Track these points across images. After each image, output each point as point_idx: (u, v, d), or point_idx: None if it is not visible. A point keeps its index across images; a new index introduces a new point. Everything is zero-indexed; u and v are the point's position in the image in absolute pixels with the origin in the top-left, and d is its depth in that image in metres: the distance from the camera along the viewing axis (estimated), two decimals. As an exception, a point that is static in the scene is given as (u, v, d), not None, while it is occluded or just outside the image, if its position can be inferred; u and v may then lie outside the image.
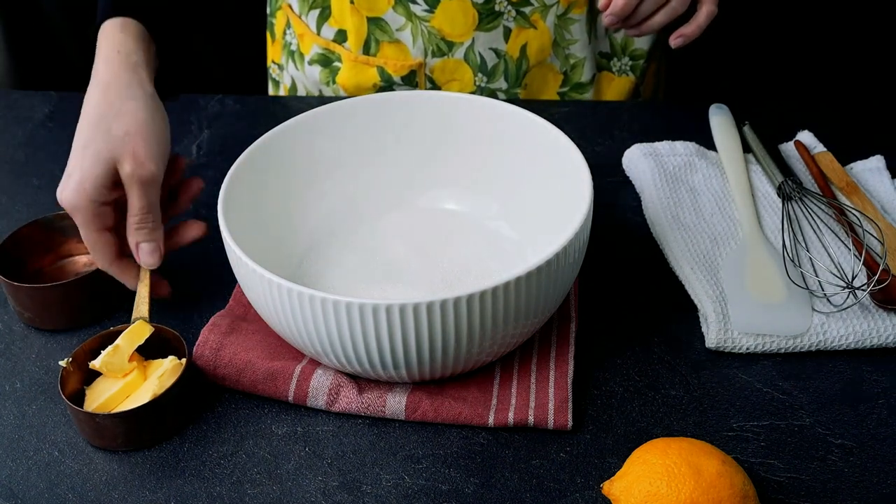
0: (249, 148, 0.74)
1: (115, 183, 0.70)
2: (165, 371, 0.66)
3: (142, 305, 0.70)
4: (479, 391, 0.67)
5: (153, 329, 0.68)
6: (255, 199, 0.73)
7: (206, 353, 0.68)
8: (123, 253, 0.72)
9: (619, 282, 0.77)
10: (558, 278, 0.64)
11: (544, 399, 0.66)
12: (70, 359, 0.66)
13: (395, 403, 0.66)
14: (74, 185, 0.69)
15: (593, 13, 0.99)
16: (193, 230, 0.75)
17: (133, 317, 0.69)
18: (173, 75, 0.83)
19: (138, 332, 0.67)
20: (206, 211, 0.87)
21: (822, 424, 0.65)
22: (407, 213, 0.82)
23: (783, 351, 0.70)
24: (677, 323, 0.73)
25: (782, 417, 0.66)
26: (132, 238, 0.71)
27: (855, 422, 0.65)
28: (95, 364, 0.66)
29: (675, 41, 0.84)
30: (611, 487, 0.58)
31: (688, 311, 0.74)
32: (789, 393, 0.68)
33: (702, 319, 0.73)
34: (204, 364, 0.68)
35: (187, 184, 0.77)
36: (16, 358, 0.73)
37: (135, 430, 0.64)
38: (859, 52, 1.62)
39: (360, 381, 0.67)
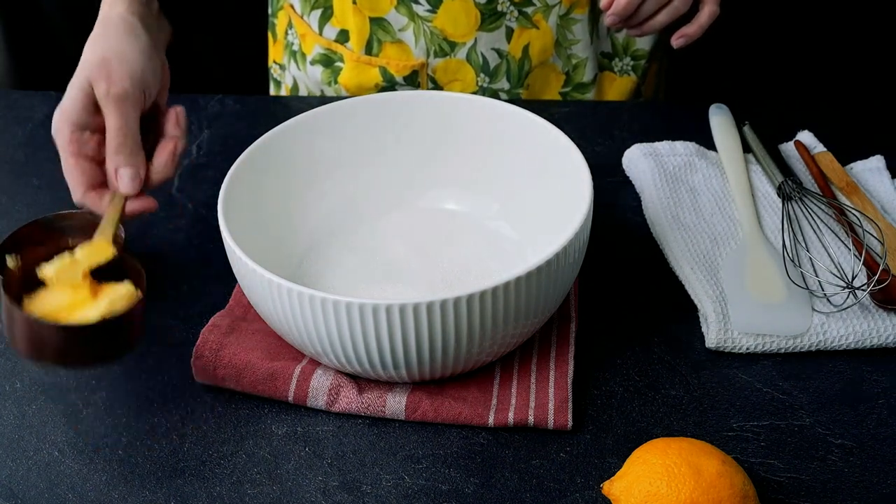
0: (249, 148, 0.74)
1: (94, 106, 0.69)
2: (118, 297, 0.61)
3: (108, 227, 0.65)
4: (479, 391, 0.67)
5: (115, 253, 0.63)
6: (255, 199, 0.73)
7: (206, 353, 0.68)
8: (101, 185, 0.70)
9: (619, 282, 0.77)
10: (558, 278, 0.64)
11: (544, 399, 0.66)
12: (17, 256, 0.61)
13: (395, 403, 0.66)
14: (56, 113, 0.69)
15: (595, 13, 0.99)
16: (145, 202, 0.71)
17: (94, 237, 0.64)
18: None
19: (99, 249, 0.62)
20: (206, 211, 0.87)
21: (822, 424, 0.65)
22: (407, 213, 0.82)
23: (783, 351, 0.70)
24: (677, 323, 0.73)
25: (782, 417, 0.66)
26: (111, 162, 0.68)
27: (855, 422, 0.65)
28: (46, 272, 0.60)
29: (676, 41, 0.84)
30: (611, 487, 0.58)
31: (688, 311, 0.74)
32: (789, 393, 0.68)
33: (702, 319, 0.73)
34: (204, 364, 0.68)
35: (168, 127, 0.73)
36: (16, 358, 0.73)
37: (73, 348, 0.59)
38: (859, 52, 1.62)
39: (360, 381, 0.67)
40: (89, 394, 0.69)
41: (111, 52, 0.71)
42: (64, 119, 0.69)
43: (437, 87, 1.01)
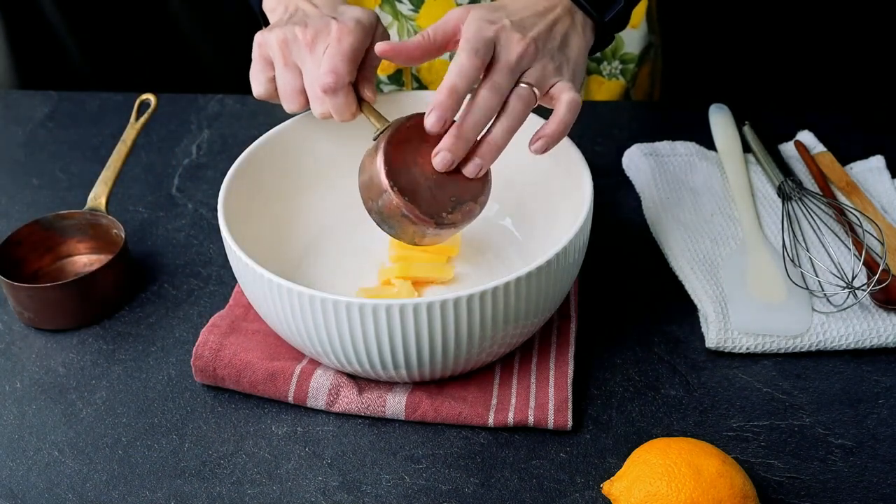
0: (249, 148, 0.74)
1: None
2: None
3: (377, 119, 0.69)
4: (479, 391, 0.67)
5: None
6: (255, 199, 0.73)
7: (206, 353, 0.68)
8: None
9: (619, 282, 0.77)
10: (558, 278, 0.64)
11: (544, 399, 0.66)
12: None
13: (395, 403, 0.66)
14: (344, 49, 0.67)
15: None
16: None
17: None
18: None
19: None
20: (206, 211, 0.87)
21: (822, 424, 0.65)
22: (407, 213, 0.82)
23: (783, 351, 0.70)
24: (677, 323, 0.73)
25: (782, 417, 0.66)
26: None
27: (855, 422, 0.65)
28: None
29: (535, 146, 0.64)
30: (611, 487, 0.58)
31: (688, 311, 0.74)
32: (789, 393, 0.68)
33: (702, 319, 0.73)
34: (204, 364, 0.68)
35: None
36: (16, 358, 0.73)
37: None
38: (859, 52, 1.62)
39: (360, 381, 0.67)
40: (89, 394, 0.69)
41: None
42: (352, 56, 0.68)
43: (421, 86, 1.01)
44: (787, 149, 0.90)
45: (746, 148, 0.89)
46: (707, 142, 0.91)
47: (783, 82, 1.66)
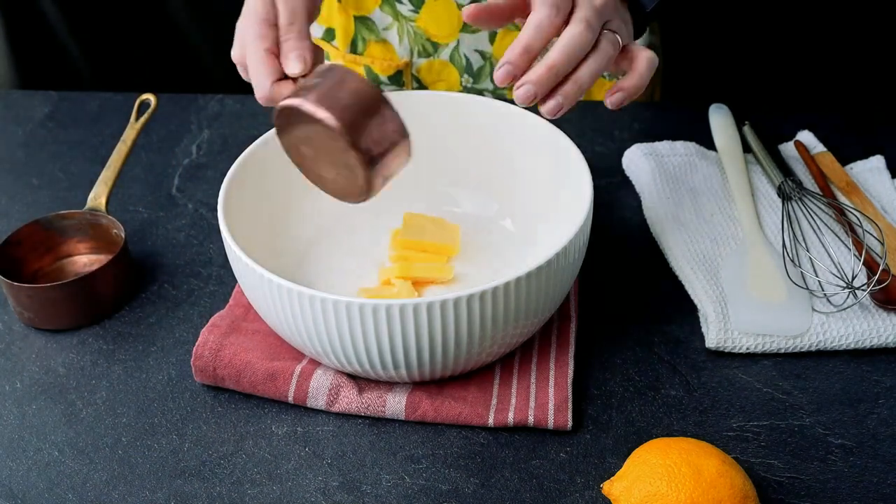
0: (249, 148, 0.74)
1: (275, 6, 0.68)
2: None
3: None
4: (479, 391, 0.67)
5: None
6: (255, 199, 0.73)
7: (206, 353, 0.68)
8: (286, 77, 0.67)
9: (619, 282, 0.77)
10: (558, 278, 0.64)
11: (544, 399, 0.66)
12: None
13: (395, 403, 0.66)
14: (247, 11, 0.68)
15: None
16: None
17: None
18: None
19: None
20: (206, 211, 0.87)
21: (822, 424, 0.65)
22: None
23: (783, 351, 0.70)
24: (677, 323, 0.73)
25: (782, 417, 0.66)
26: (282, 50, 0.67)
27: (855, 422, 0.65)
28: None
29: (612, 98, 0.65)
30: (611, 487, 0.58)
31: (688, 311, 0.74)
32: (789, 393, 0.68)
33: (702, 319, 0.73)
34: (204, 364, 0.68)
35: None
36: (16, 358, 0.73)
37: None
38: (859, 52, 1.62)
39: (360, 381, 0.67)
40: (89, 394, 0.69)
41: None
42: (255, 17, 0.67)
43: (421, 86, 1.01)
44: (787, 149, 0.90)
45: (746, 148, 0.89)
46: (707, 142, 0.91)
47: (783, 82, 1.66)
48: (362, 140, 0.59)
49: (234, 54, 0.70)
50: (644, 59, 0.64)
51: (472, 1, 0.94)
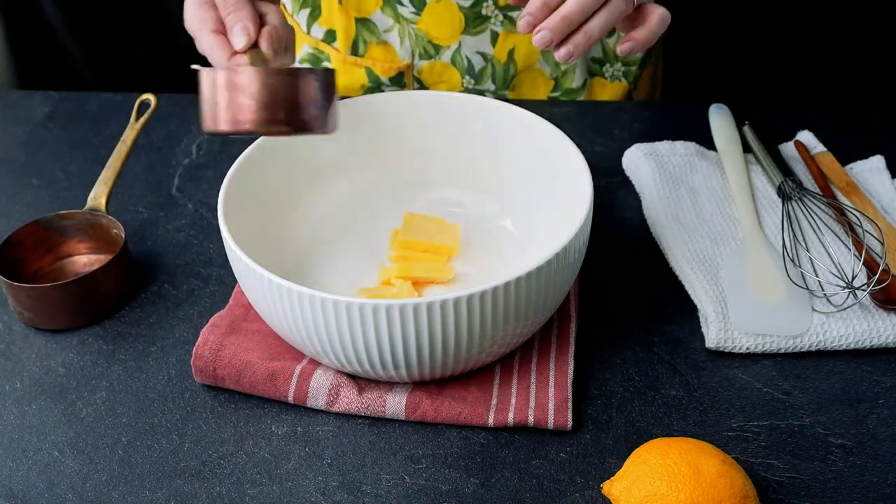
0: (249, 148, 0.74)
1: None
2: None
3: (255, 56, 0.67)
4: (479, 391, 0.67)
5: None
6: (255, 199, 0.73)
7: (206, 353, 0.68)
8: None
9: (619, 282, 0.77)
10: (558, 278, 0.64)
11: (544, 399, 0.66)
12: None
13: (395, 403, 0.66)
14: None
15: None
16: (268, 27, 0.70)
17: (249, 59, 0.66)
18: None
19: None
20: (206, 211, 0.87)
21: (822, 424, 0.65)
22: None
23: (783, 351, 0.70)
24: (677, 323, 0.73)
25: (782, 417, 0.66)
26: (227, 27, 0.69)
27: (855, 422, 0.65)
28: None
29: (624, 46, 0.69)
30: (611, 487, 0.58)
31: (688, 311, 0.74)
32: (789, 393, 0.68)
33: (702, 319, 0.73)
34: (204, 364, 0.68)
35: None
36: (16, 358, 0.73)
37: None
38: (860, 52, 1.62)
39: (360, 381, 0.67)
40: (89, 394, 0.69)
41: None
42: (195, 2, 0.69)
43: (422, 88, 1.01)
44: (787, 149, 0.90)
45: (746, 148, 0.89)
46: (707, 142, 0.91)
47: (783, 82, 1.66)
48: (291, 125, 0.59)
49: (187, 26, 0.71)
50: (657, 15, 0.69)
51: (472, 4, 0.94)
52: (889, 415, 0.66)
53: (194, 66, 0.63)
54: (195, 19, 0.70)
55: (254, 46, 0.68)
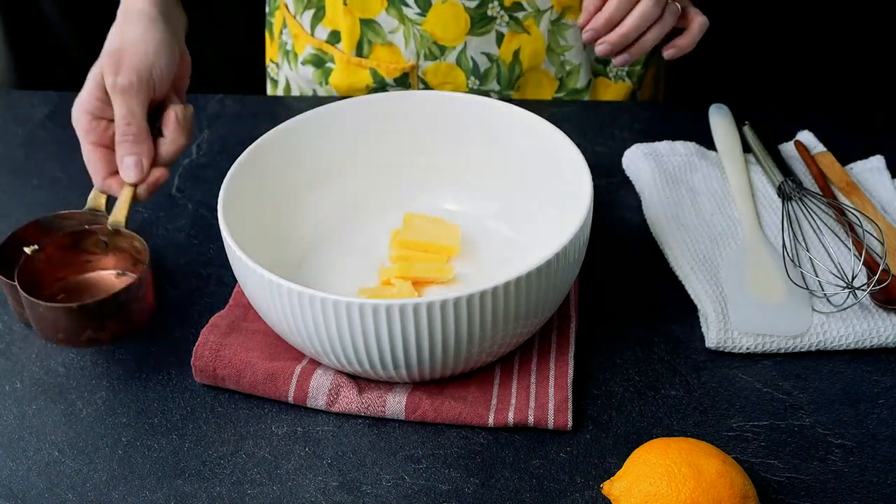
0: (249, 148, 0.74)
1: (107, 96, 0.72)
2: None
3: (120, 210, 0.71)
4: (479, 391, 0.67)
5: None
6: (255, 199, 0.73)
7: (206, 353, 0.68)
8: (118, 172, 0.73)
9: (619, 282, 0.77)
10: (558, 278, 0.64)
11: (544, 399, 0.66)
12: (35, 247, 0.70)
13: (395, 403, 0.66)
14: (75, 102, 0.72)
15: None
16: (154, 176, 0.73)
17: (109, 221, 0.71)
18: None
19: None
20: (206, 211, 0.87)
21: (822, 424, 0.65)
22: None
23: (783, 351, 0.70)
24: (677, 323, 0.73)
25: (782, 417, 0.66)
26: (117, 151, 0.71)
27: (855, 422, 0.65)
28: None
29: (668, 52, 0.84)
30: (611, 487, 0.58)
31: (688, 311, 0.74)
32: (789, 393, 0.68)
33: (702, 319, 0.73)
34: (204, 364, 0.68)
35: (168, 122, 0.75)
36: (16, 358, 0.73)
37: (83, 325, 0.65)
38: (859, 52, 1.62)
39: (360, 381, 0.67)
40: (89, 394, 0.69)
41: (126, 43, 0.73)
42: (81, 109, 0.72)
43: (427, 89, 1.00)
44: (787, 149, 0.90)
45: (746, 148, 0.89)
46: (707, 142, 0.91)
47: (783, 82, 1.66)
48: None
49: (73, 120, 0.73)
50: (697, 23, 0.83)
51: (478, 5, 0.94)
52: (889, 415, 0.66)
53: (26, 249, 0.69)
54: (81, 124, 0.72)
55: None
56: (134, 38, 0.74)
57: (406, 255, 0.76)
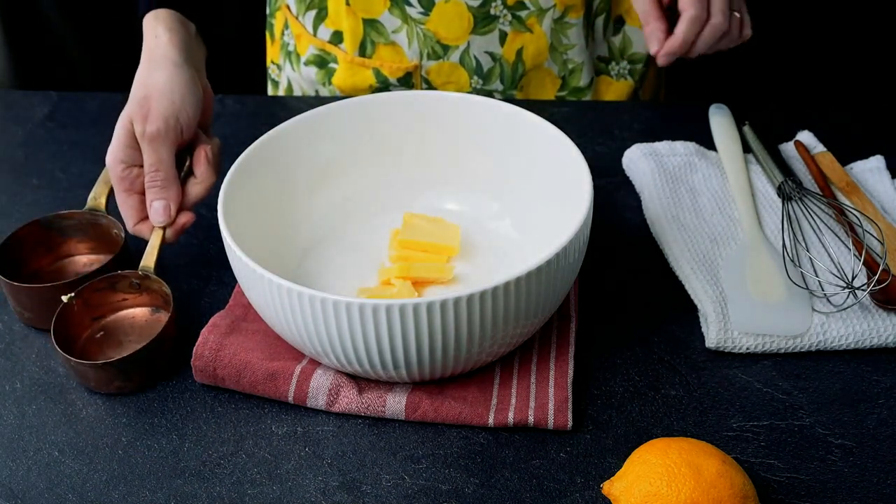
0: (249, 148, 0.74)
1: (136, 142, 0.74)
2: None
3: (148, 256, 0.73)
4: (479, 391, 0.67)
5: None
6: (255, 200, 0.73)
7: (206, 353, 0.68)
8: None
9: (619, 282, 0.77)
10: (558, 278, 0.64)
11: (544, 399, 0.66)
12: (72, 295, 0.71)
13: (395, 403, 0.66)
14: (109, 150, 0.74)
15: (590, 18, 0.99)
16: (185, 216, 0.76)
17: (140, 265, 0.73)
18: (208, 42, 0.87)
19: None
20: (206, 210, 0.87)
21: (822, 424, 0.65)
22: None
23: (783, 351, 0.70)
24: (677, 323, 0.73)
25: (782, 417, 0.66)
26: (147, 197, 0.74)
27: (855, 422, 0.65)
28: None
29: (661, 60, 0.85)
30: (611, 487, 0.58)
31: (688, 311, 0.74)
32: (789, 393, 0.68)
33: (702, 319, 0.73)
34: (204, 364, 0.68)
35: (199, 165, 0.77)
36: (16, 358, 0.73)
37: (112, 377, 0.68)
38: (859, 52, 1.62)
39: (360, 381, 0.67)
40: (89, 394, 0.69)
41: (153, 90, 0.75)
42: (114, 158, 0.74)
43: (430, 88, 1.00)
44: (787, 149, 0.90)
45: (746, 148, 0.89)
46: (707, 142, 0.91)
47: (783, 82, 1.66)
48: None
49: (108, 164, 0.75)
50: (744, 28, 0.85)
51: (480, 4, 0.94)
52: (889, 415, 0.66)
53: (63, 298, 0.71)
54: (115, 172, 0.74)
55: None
56: (160, 86, 0.75)
57: (406, 255, 0.76)
